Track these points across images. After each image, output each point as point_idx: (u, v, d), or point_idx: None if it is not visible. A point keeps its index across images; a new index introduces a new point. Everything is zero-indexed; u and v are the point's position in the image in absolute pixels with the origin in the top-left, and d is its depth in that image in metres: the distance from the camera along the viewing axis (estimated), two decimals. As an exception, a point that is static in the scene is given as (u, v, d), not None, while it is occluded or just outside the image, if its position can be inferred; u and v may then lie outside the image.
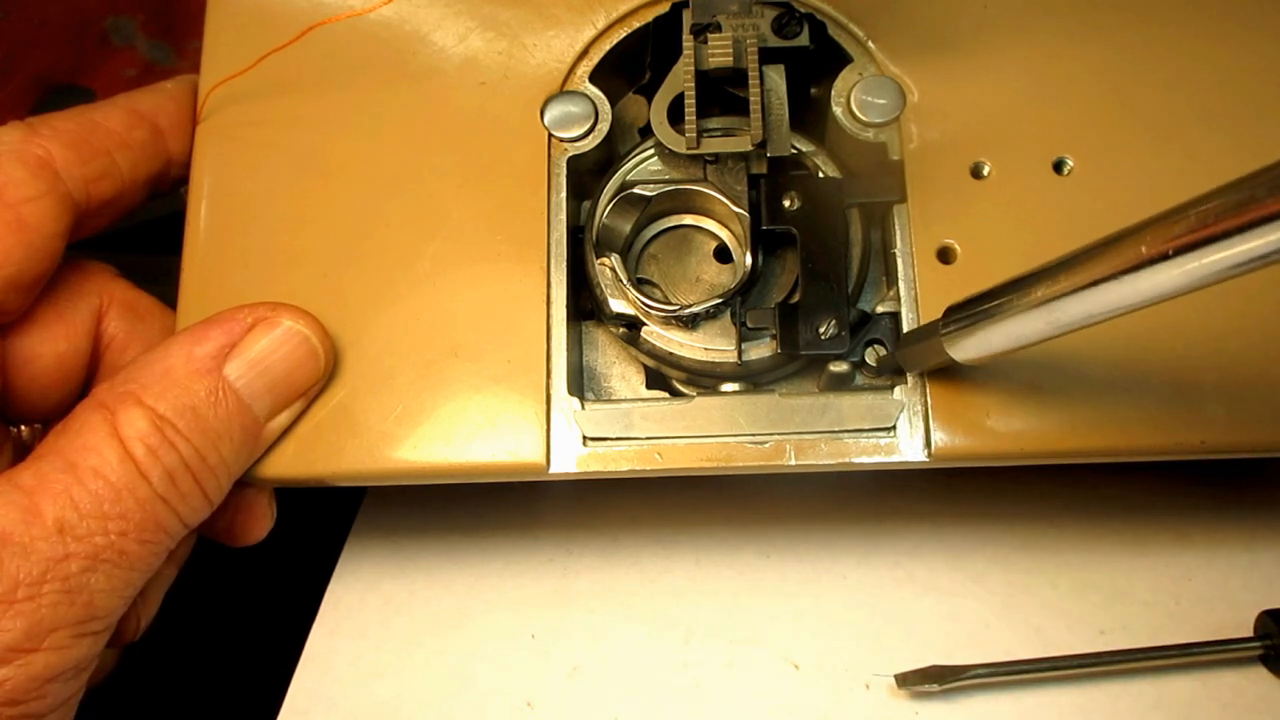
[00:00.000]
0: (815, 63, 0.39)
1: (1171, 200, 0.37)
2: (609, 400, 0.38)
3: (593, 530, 0.45)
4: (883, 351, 0.38)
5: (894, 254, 0.37)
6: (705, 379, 0.39)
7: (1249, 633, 0.41)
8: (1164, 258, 0.23)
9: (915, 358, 0.35)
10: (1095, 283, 0.25)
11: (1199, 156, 0.38)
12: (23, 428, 0.38)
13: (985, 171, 0.37)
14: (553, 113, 0.38)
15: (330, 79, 0.39)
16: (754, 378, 0.38)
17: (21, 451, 0.37)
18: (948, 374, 0.35)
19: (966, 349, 0.31)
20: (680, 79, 0.37)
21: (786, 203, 0.37)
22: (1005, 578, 0.43)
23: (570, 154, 0.38)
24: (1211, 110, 0.38)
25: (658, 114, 0.38)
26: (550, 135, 0.38)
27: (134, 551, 0.30)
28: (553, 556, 0.44)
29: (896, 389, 0.36)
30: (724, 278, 0.39)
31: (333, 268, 0.37)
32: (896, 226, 0.37)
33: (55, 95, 0.57)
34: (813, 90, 0.41)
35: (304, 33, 0.38)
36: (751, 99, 0.36)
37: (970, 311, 0.30)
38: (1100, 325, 0.35)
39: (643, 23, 0.40)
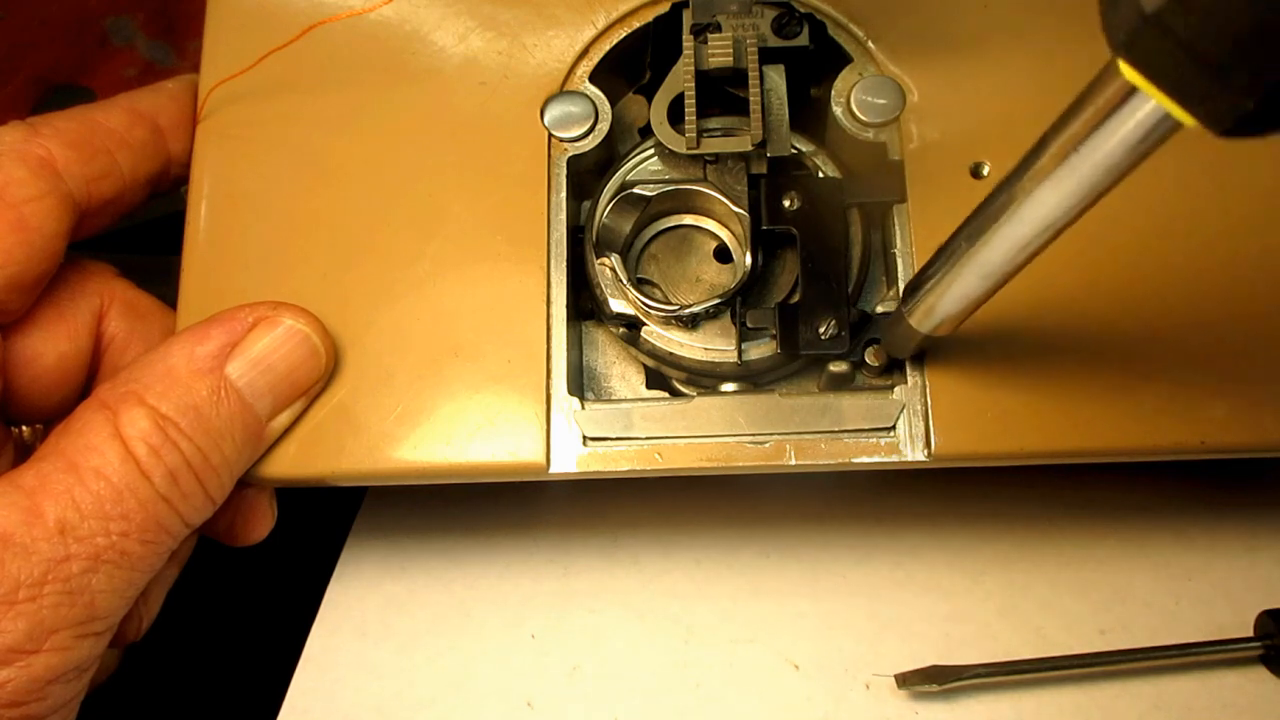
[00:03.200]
0: (815, 63, 0.39)
1: (1170, 200, 0.37)
2: (609, 400, 0.38)
3: (593, 530, 0.45)
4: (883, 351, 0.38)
5: (894, 254, 0.37)
6: (705, 379, 0.39)
7: (1249, 633, 0.41)
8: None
9: (896, 342, 0.35)
10: (999, 226, 0.26)
11: (1198, 156, 0.38)
12: (24, 428, 0.38)
13: (985, 171, 0.37)
14: (553, 113, 0.38)
15: (330, 79, 0.39)
16: (754, 378, 0.38)
17: (23, 452, 0.37)
18: (948, 373, 0.35)
19: (928, 319, 0.31)
20: (680, 79, 0.37)
21: (786, 203, 0.37)
22: (1005, 578, 0.43)
23: (570, 154, 0.38)
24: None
25: (658, 114, 0.38)
26: (550, 135, 0.38)
27: (136, 552, 0.30)
28: (553, 556, 0.44)
29: (896, 389, 0.36)
30: (724, 278, 0.39)
31: (333, 267, 0.37)
32: (896, 226, 0.37)
33: (55, 95, 0.57)
34: (813, 90, 0.41)
35: (304, 32, 0.38)
36: (751, 99, 0.36)
37: (918, 283, 0.30)
38: (1099, 326, 0.36)
39: (643, 23, 0.40)
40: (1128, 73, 0.19)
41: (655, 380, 0.39)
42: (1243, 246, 0.37)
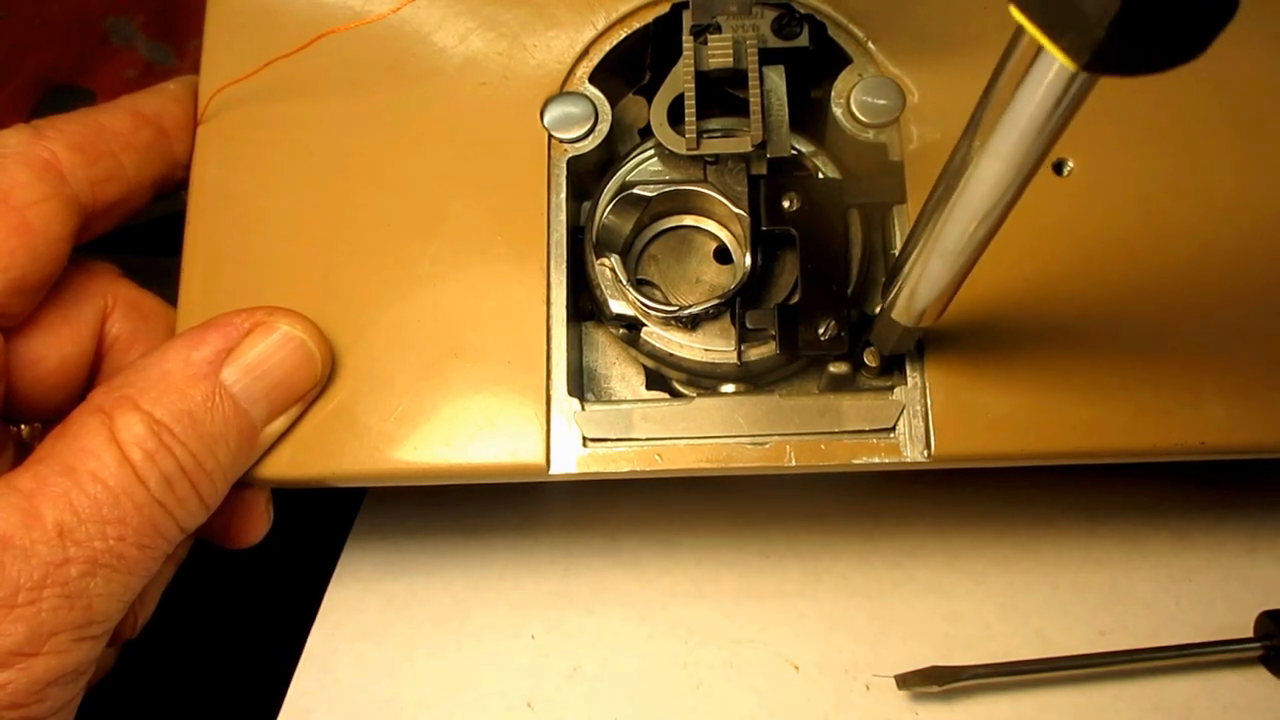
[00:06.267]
0: (815, 63, 0.39)
1: (1169, 200, 0.37)
2: (609, 401, 0.38)
3: (593, 531, 0.45)
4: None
5: (894, 255, 0.37)
6: (705, 380, 0.39)
7: (1249, 633, 0.41)
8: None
9: (886, 339, 0.35)
10: (951, 204, 0.26)
11: (1198, 157, 0.38)
12: (23, 426, 0.38)
13: (985, 172, 0.37)
14: (553, 113, 0.38)
15: (330, 80, 0.39)
16: (754, 378, 0.38)
17: (22, 451, 0.37)
18: (947, 374, 0.35)
19: (910, 310, 0.31)
20: (680, 80, 0.37)
21: (786, 203, 0.37)
22: (1005, 578, 0.43)
23: (570, 155, 0.38)
24: (1210, 111, 0.38)
25: (658, 115, 0.38)
26: (550, 136, 0.38)
27: (132, 556, 0.30)
28: (553, 557, 0.44)
29: (896, 390, 0.36)
30: (724, 278, 0.39)
31: (333, 268, 0.37)
32: (896, 227, 0.37)
33: (55, 95, 0.57)
34: (813, 91, 0.41)
35: (313, 40, 0.37)
36: (751, 100, 0.36)
37: (893, 275, 0.30)
38: (1099, 327, 0.36)
39: (643, 23, 0.40)
40: (1015, 14, 0.20)
41: (655, 381, 0.39)
42: (1243, 246, 0.37)
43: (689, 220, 0.40)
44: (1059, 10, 0.18)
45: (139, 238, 0.43)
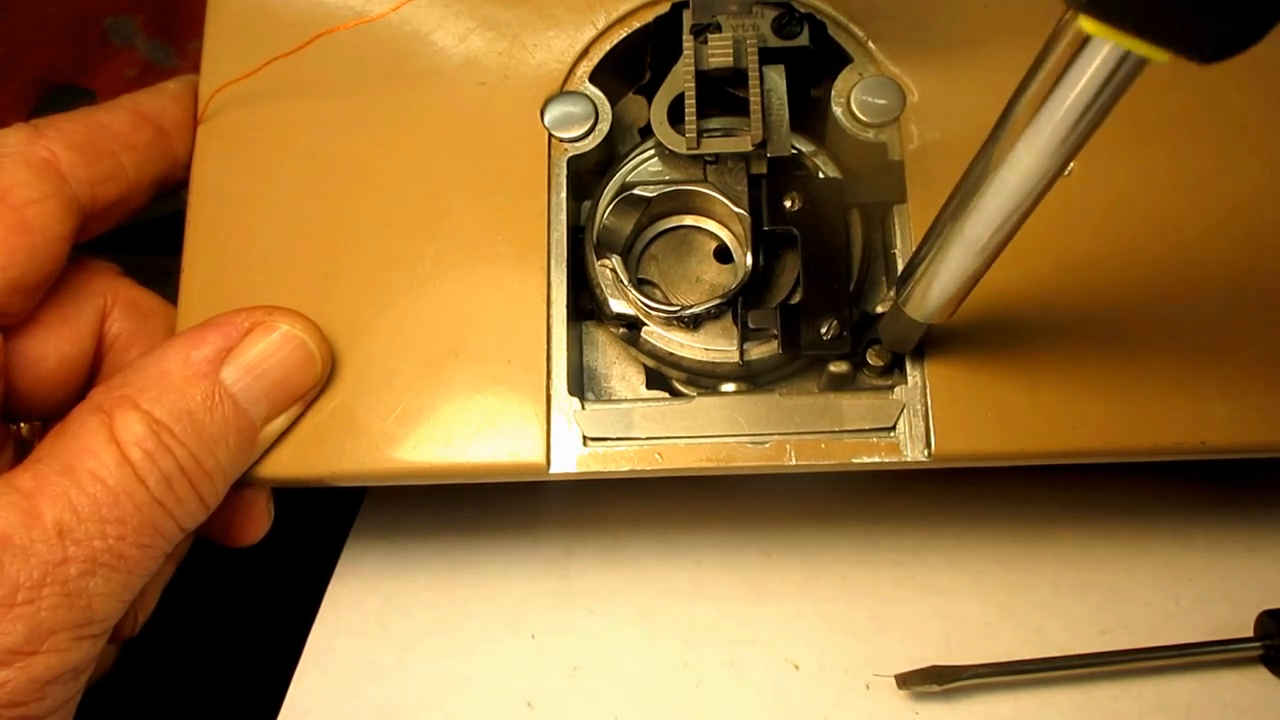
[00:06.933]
0: (815, 63, 0.39)
1: (1169, 200, 0.37)
2: (609, 400, 0.38)
3: (593, 530, 0.45)
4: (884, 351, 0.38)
5: (894, 254, 0.37)
6: (705, 379, 0.39)
7: (1249, 633, 0.41)
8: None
9: (896, 336, 0.35)
10: (980, 195, 0.26)
11: (1197, 157, 0.38)
12: (22, 425, 0.38)
13: (985, 172, 0.37)
14: (553, 113, 0.38)
15: (330, 80, 0.39)
16: (754, 377, 0.38)
17: (22, 449, 0.37)
18: (948, 373, 0.35)
19: (923, 305, 0.30)
20: (680, 79, 0.37)
21: (787, 203, 0.37)
22: (1005, 578, 0.43)
23: (570, 154, 0.38)
24: (1210, 111, 0.38)
25: (658, 114, 0.38)
26: (550, 135, 0.38)
27: (132, 556, 0.30)
28: (553, 557, 0.44)
29: (897, 389, 0.36)
30: (724, 278, 0.39)
31: (333, 268, 0.37)
32: (897, 227, 0.37)
33: (55, 95, 0.57)
34: (813, 90, 0.41)
35: (313, 39, 0.37)
36: (751, 99, 0.36)
37: (910, 270, 0.30)
38: (1100, 327, 0.36)
39: (643, 23, 0.40)
40: (1091, 27, 0.19)
41: (655, 380, 0.39)
42: (1243, 245, 0.37)
43: (689, 220, 0.40)
44: (1169, 20, 0.18)
45: (139, 238, 0.43)
